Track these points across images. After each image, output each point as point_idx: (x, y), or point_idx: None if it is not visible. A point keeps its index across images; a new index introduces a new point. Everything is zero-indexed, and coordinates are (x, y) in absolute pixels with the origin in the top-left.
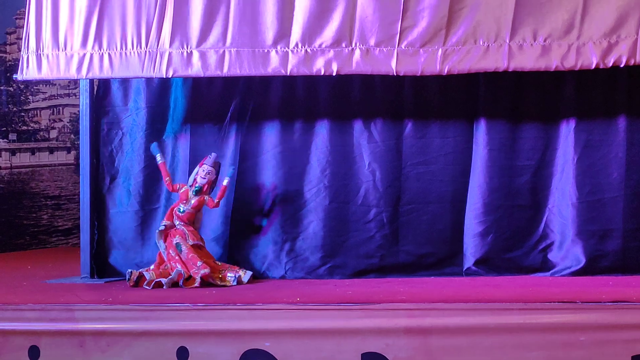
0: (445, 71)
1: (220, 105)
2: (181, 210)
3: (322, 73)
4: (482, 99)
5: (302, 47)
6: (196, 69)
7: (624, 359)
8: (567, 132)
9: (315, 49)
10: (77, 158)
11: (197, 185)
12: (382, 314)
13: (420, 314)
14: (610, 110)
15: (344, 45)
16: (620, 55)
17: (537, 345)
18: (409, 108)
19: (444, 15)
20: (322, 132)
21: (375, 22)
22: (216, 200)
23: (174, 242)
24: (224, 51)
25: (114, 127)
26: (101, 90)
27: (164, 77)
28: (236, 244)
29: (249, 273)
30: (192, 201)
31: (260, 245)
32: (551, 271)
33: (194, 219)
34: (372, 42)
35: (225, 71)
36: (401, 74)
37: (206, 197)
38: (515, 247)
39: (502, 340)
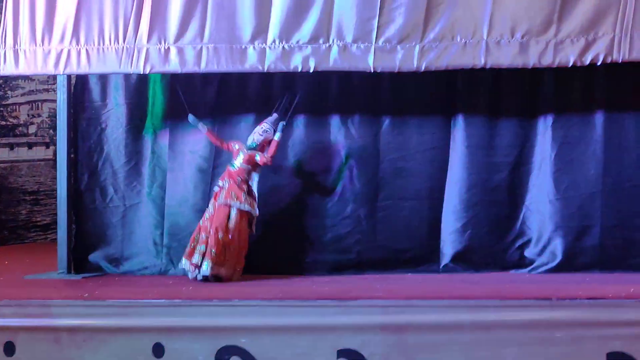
0: (423, 68)
1: (199, 100)
2: (233, 166)
3: (300, 70)
4: (460, 96)
5: (279, 44)
6: (173, 65)
7: (599, 356)
8: (544, 128)
9: (292, 46)
10: (56, 153)
11: (253, 142)
12: (358, 311)
13: (396, 311)
14: (588, 107)
15: (321, 41)
16: (597, 53)
17: (513, 341)
18: (386, 104)
19: (421, 11)
20: (299, 127)
21: (352, 18)
22: (268, 156)
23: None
24: (202, 47)
25: (93, 122)
26: (79, 85)
27: (142, 73)
28: None
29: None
30: (242, 156)
31: None
32: (528, 268)
33: (246, 177)
34: (349, 38)
35: (203, 67)
36: (378, 71)
37: (257, 153)
38: (493, 243)
39: (477, 336)
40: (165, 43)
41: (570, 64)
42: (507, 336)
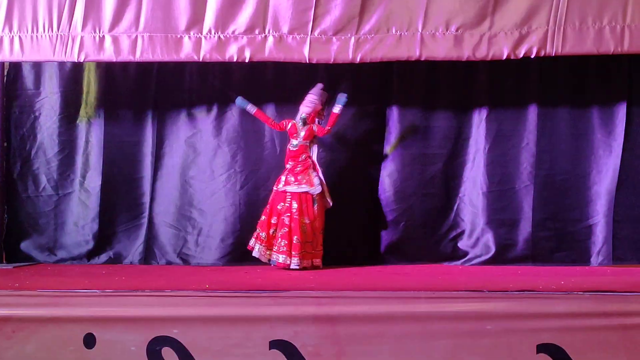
0: (358, 59)
1: (135, 90)
2: (294, 145)
3: (235, 60)
4: (395, 87)
5: (215, 34)
6: (108, 53)
7: (529, 348)
8: (479, 121)
9: (228, 36)
10: None
11: (303, 114)
12: (290, 302)
13: (329, 302)
14: (522, 100)
15: (257, 32)
16: (531, 46)
17: (444, 333)
18: None
19: (357, 3)
20: (233, 117)
21: (289, 9)
22: (327, 127)
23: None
24: (137, 36)
25: (26, 110)
26: (12, 73)
27: (76, 61)
28: (156, 229)
29: (297, 264)
30: (302, 133)
31: (174, 231)
32: (462, 260)
33: (309, 152)
34: (285, 29)
35: (138, 56)
36: (314, 62)
37: (314, 125)
38: (426, 235)
39: (409, 328)
40: (100, 31)
41: (504, 57)
42: (438, 328)
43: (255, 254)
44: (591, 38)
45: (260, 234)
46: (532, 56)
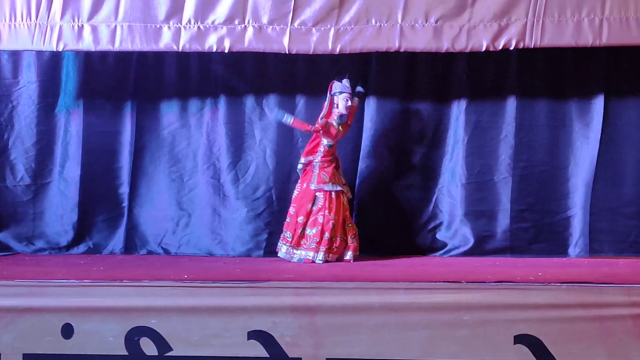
0: (337, 50)
1: (115, 80)
2: (329, 145)
3: (214, 50)
4: (374, 78)
5: (194, 24)
6: (87, 43)
7: (507, 338)
8: (458, 112)
9: (207, 26)
10: None
11: (343, 116)
12: (268, 292)
13: (307, 293)
14: (501, 92)
15: (236, 22)
16: (510, 38)
17: (422, 324)
18: (301, 85)
19: None
20: (213, 108)
21: (269, 0)
22: (348, 122)
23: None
24: (116, 26)
25: (4, 100)
26: None
27: (54, 50)
28: (136, 219)
29: (321, 258)
30: (337, 131)
31: (156, 222)
32: (441, 251)
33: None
34: (265, 19)
35: (117, 46)
36: (293, 52)
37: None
38: (405, 226)
39: (386, 319)
40: (78, 21)
41: (483, 49)
42: (415, 318)
43: (281, 255)
44: (570, 30)
45: (286, 234)
46: (511, 48)
